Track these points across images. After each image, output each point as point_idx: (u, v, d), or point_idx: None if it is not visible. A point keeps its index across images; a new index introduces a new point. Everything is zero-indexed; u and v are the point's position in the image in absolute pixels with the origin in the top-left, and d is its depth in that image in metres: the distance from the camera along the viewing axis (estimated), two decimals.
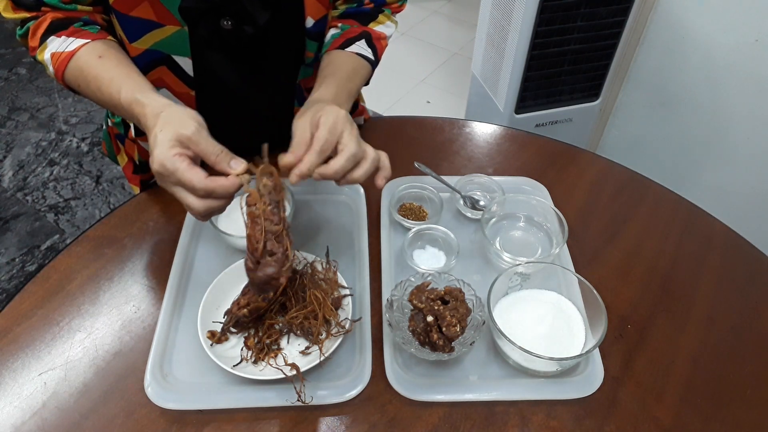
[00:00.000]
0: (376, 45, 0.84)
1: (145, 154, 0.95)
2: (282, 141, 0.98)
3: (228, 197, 0.59)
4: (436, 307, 0.67)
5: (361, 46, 0.82)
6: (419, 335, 0.67)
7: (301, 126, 0.65)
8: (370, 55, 0.82)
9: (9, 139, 2.35)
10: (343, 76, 0.77)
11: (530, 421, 0.64)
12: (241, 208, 0.59)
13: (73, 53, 0.70)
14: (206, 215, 0.60)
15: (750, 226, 1.07)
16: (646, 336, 0.73)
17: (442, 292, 0.69)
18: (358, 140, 0.65)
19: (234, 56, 0.80)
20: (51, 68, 0.71)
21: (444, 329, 0.65)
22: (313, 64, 0.86)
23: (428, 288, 0.70)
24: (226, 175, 0.59)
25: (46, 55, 0.71)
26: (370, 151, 0.65)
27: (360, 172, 0.64)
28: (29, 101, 2.55)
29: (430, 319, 0.67)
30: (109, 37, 0.74)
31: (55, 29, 0.71)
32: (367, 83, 0.85)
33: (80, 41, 0.70)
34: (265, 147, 0.62)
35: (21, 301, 0.75)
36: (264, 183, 0.60)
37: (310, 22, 0.79)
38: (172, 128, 0.58)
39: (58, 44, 0.70)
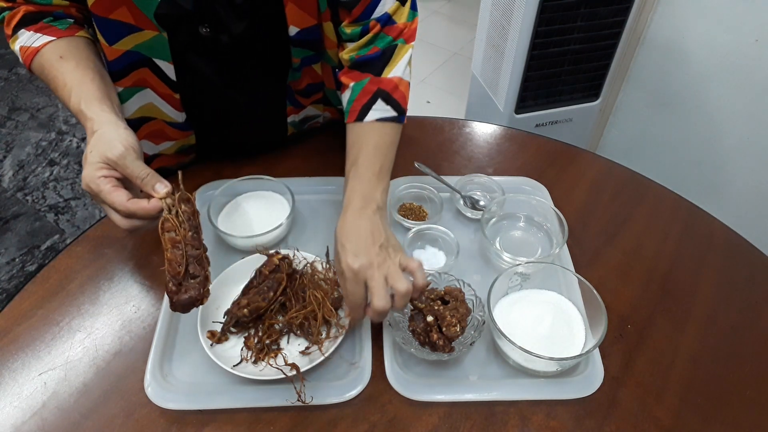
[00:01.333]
0: (396, 98, 0.78)
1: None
2: (274, 140, 0.98)
3: (150, 218, 0.62)
4: (436, 307, 0.67)
5: (379, 110, 0.77)
6: (419, 335, 0.67)
7: (337, 270, 0.68)
8: (393, 113, 0.77)
9: (9, 139, 2.35)
10: (368, 157, 0.73)
11: (530, 421, 0.64)
12: (161, 234, 0.61)
13: (37, 50, 0.71)
14: (132, 231, 0.64)
15: (750, 226, 1.07)
16: (646, 336, 0.73)
17: (442, 292, 0.69)
18: (382, 282, 0.63)
19: (216, 61, 0.79)
20: (21, 59, 0.74)
21: (444, 329, 0.65)
22: (301, 68, 0.84)
23: (428, 288, 0.70)
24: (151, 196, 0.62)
25: (16, 47, 0.73)
26: (399, 286, 0.63)
27: (396, 309, 0.66)
28: (29, 101, 2.55)
29: (430, 319, 0.67)
30: (79, 33, 0.74)
31: (26, 22, 0.72)
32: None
33: (46, 38, 0.71)
34: (180, 174, 0.64)
35: (21, 301, 0.75)
36: (183, 209, 0.61)
37: (293, 30, 0.76)
38: (99, 150, 0.61)
39: (26, 38, 0.72)
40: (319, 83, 0.90)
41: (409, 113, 0.82)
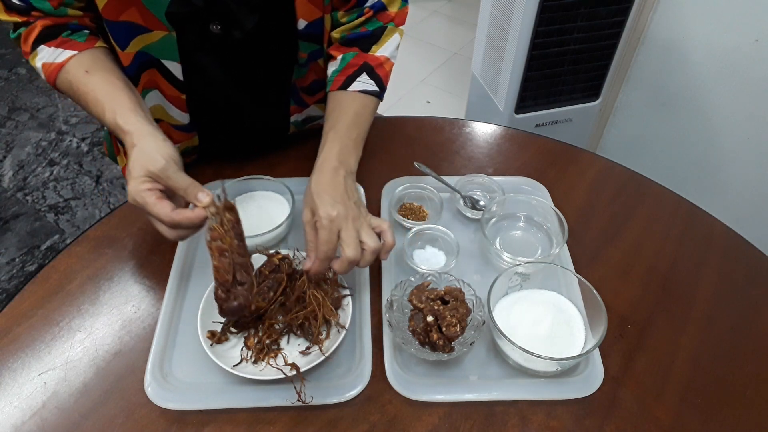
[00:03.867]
0: (379, 74, 0.82)
1: None
2: (277, 140, 0.98)
3: (194, 227, 0.64)
4: (436, 307, 0.67)
5: (362, 81, 0.81)
6: (419, 335, 0.67)
7: (306, 220, 0.69)
8: (374, 87, 0.81)
9: (9, 139, 2.35)
10: (347, 123, 0.77)
11: (530, 421, 0.64)
12: (207, 242, 0.62)
13: (61, 65, 0.72)
14: (178, 240, 0.67)
15: (750, 226, 1.07)
16: (646, 336, 0.73)
17: (442, 292, 0.69)
18: (355, 233, 0.66)
19: (224, 59, 0.80)
20: (43, 76, 0.74)
21: (444, 329, 0.65)
22: (308, 63, 0.85)
23: (428, 288, 0.70)
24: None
25: (37, 63, 0.73)
26: (370, 242, 0.67)
27: (362, 264, 0.67)
28: (29, 101, 2.55)
29: (430, 319, 0.67)
30: (98, 44, 0.75)
31: (44, 38, 0.72)
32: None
33: (68, 53, 0.72)
34: (223, 183, 0.68)
35: (21, 301, 0.75)
36: (227, 218, 0.63)
37: (302, 24, 0.78)
38: (142, 164, 0.63)
39: (48, 54, 0.72)
40: (323, 79, 0.91)
41: (409, 113, 0.83)
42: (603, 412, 0.65)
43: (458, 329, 0.65)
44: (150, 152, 0.64)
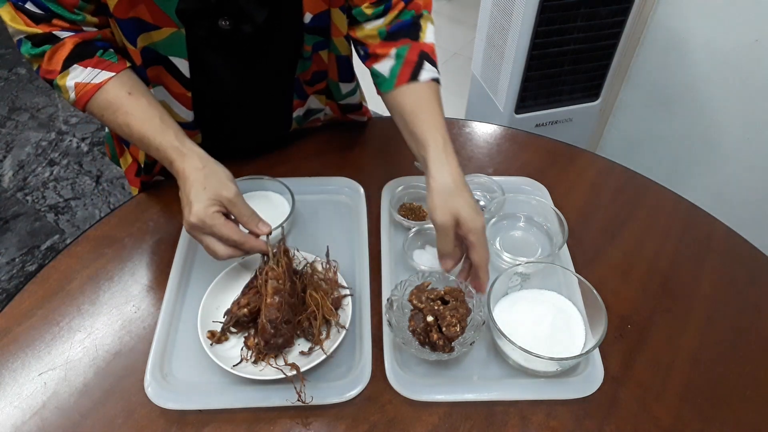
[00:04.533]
0: (435, 60, 0.80)
1: (151, 156, 0.95)
2: (278, 137, 0.98)
3: (251, 252, 0.69)
4: (436, 307, 0.67)
5: (428, 71, 0.78)
6: (419, 335, 0.67)
7: (449, 225, 0.68)
8: (438, 74, 0.79)
9: (9, 139, 2.35)
10: (442, 120, 0.75)
11: (530, 421, 0.64)
12: (262, 281, 0.67)
13: (99, 86, 0.71)
14: (227, 258, 0.68)
15: (750, 226, 1.07)
16: (646, 336, 0.73)
17: (442, 292, 0.69)
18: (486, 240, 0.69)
19: (232, 55, 0.80)
20: (72, 95, 0.72)
21: (444, 329, 0.65)
22: (312, 56, 0.86)
23: (428, 288, 0.70)
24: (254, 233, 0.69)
25: (69, 83, 0.71)
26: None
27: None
28: (29, 101, 2.55)
29: (430, 319, 0.67)
30: (128, 65, 0.75)
31: (78, 56, 0.71)
32: None
33: (107, 74, 0.71)
34: (283, 229, 0.76)
35: (21, 301, 0.75)
36: (285, 261, 0.68)
37: (308, 17, 0.78)
38: (213, 188, 0.66)
39: (84, 74, 0.71)
40: (323, 71, 0.91)
41: None
42: (603, 412, 0.65)
43: (458, 329, 0.65)
44: (221, 178, 0.68)
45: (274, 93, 0.90)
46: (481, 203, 0.89)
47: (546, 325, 0.70)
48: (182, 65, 0.78)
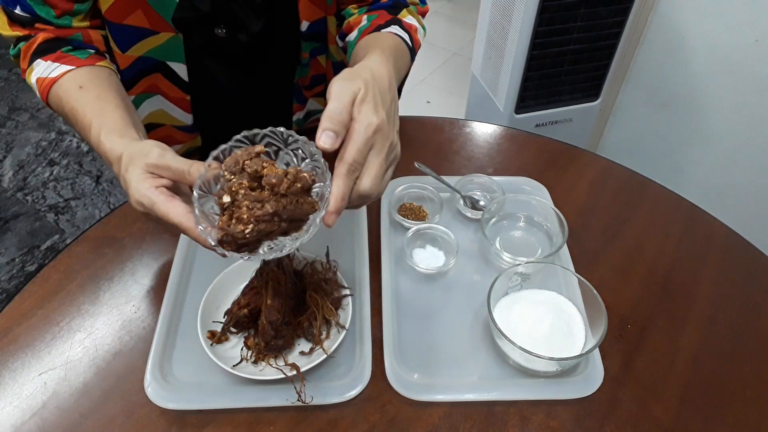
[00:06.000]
0: (410, 32, 0.74)
1: None
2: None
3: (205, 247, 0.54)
4: (241, 187, 0.49)
5: (395, 30, 0.73)
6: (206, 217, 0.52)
7: (338, 94, 0.52)
8: (408, 40, 0.72)
9: (9, 139, 2.35)
10: (389, 48, 0.66)
11: (530, 421, 0.64)
12: (263, 282, 0.60)
13: (55, 80, 0.67)
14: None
15: (750, 226, 1.07)
16: (646, 336, 0.73)
17: (263, 169, 0.49)
18: (386, 163, 0.54)
19: (230, 61, 0.80)
20: (37, 93, 0.69)
21: (232, 219, 0.48)
22: (310, 63, 0.86)
23: (257, 155, 0.51)
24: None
25: (32, 79, 0.69)
26: (386, 182, 0.56)
27: (356, 204, 0.55)
28: (29, 101, 2.55)
29: (226, 199, 0.50)
30: (100, 63, 0.70)
31: (42, 52, 0.68)
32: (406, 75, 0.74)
33: (64, 68, 0.67)
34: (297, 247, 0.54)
35: (21, 301, 0.75)
36: (286, 263, 0.60)
37: (304, 25, 0.78)
38: (135, 163, 0.55)
39: (43, 69, 0.68)
40: (322, 75, 0.91)
41: (409, 113, 0.82)
42: (603, 412, 0.65)
43: (246, 230, 0.47)
44: (140, 148, 0.56)
45: (273, 98, 0.90)
46: (481, 203, 0.89)
47: (546, 325, 0.70)
48: (181, 70, 0.77)
